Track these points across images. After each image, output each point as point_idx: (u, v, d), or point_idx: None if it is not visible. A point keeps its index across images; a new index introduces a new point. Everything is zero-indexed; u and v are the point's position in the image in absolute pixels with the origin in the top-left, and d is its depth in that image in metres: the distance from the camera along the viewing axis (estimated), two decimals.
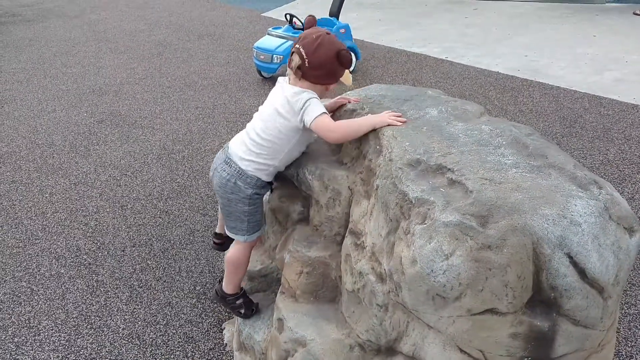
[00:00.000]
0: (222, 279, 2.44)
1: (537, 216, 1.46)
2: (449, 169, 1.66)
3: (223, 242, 2.64)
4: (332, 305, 2.04)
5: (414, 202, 1.58)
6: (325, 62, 2.03)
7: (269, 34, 6.13)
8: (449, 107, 2.13)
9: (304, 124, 2.00)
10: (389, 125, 1.95)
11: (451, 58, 6.64)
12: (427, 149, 1.77)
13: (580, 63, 6.19)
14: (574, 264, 1.45)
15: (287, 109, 2.04)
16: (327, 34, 2.07)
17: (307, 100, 1.99)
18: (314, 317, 1.99)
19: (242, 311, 2.39)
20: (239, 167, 2.12)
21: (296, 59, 2.05)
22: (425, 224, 1.52)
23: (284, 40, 5.87)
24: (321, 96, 2.10)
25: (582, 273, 1.46)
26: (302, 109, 1.99)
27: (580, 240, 1.45)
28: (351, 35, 6.27)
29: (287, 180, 2.34)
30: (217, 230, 2.69)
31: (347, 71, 2.13)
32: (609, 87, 5.43)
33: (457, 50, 6.91)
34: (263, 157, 2.11)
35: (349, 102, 2.24)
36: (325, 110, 1.99)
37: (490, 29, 7.80)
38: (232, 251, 2.31)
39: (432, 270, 1.46)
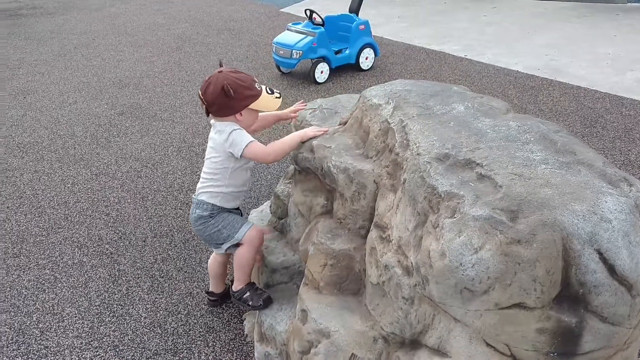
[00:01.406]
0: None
1: (567, 212, 1.46)
2: (478, 164, 1.66)
3: (216, 300, 2.85)
4: (355, 298, 2.06)
5: (443, 195, 1.59)
6: (215, 97, 2.29)
7: (288, 30, 6.15)
8: (475, 103, 2.13)
9: (237, 155, 2.29)
10: (313, 137, 2.28)
11: (470, 56, 6.62)
12: (455, 144, 1.77)
13: (601, 63, 6.13)
14: (604, 260, 1.45)
15: (215, 143, 2.36)
16: (219, 72, 2.33)
17: (230, 132, 2.30)
18: (338, 308, 2.01)
19: (250, 303, 2.43)
20: (197, 200, 2.45)
21: (200, 102, 2.37)
22: (455, 217, 1.52)
23: (304, 36, 5.88)
24: (247, 124, 2.39)
25: (611, 270, 1.46)
26: (225, 140, 2.30)
27: (610, 236, 1.45)
28: (370, 31, 6.27)
29: (310, 173, 2.36)
30: (210, 288, 2.84)
31: (266, 98, 2.39)
32: (630, 88, 5.38)
33: (477, 49, 6.88)
34: (210, 186, 2.42)
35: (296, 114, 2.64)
36: (252, 139, 2.29)
37: (510, 27, 7.75)
38: (236, 252, 2.47)
39: (460, 264, 1.47)
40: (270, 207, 2.88)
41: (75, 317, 2.81)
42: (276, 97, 2.45)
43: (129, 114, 5.30)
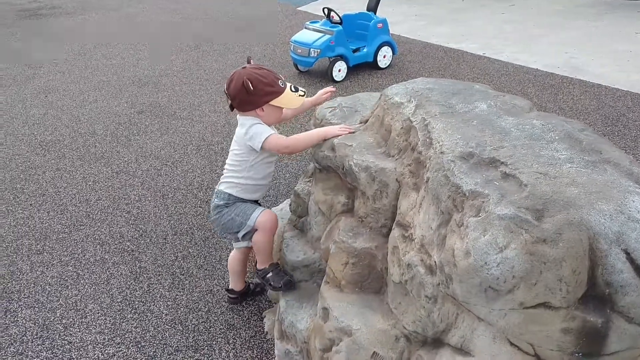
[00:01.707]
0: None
1: (593, 211, 1.45)
2: (502, 163, 1.66)
3: (236, 297, 2.87)
4: (377, 296, 2.06)
5: (467, 194, 1.58)
6: (237, 92, 2.35)
7: (306, 28, 6.16)
8: (498, 101, 2.12)
9: (256, 148, 2.36)
10: (337, 135, 2.29)
11: (489, 54, 6.58)
12: (479, 142, 1.77)
13: (622, 61, 6.06)
14: (631, 260, 1.44)
15: (238, 136, 2.45)
16: (244, 68, 2.40)
17: (250, 126, 2.38)
18: (360, 307, 2.01)
19: (272, 283, 2.49)
20: (217, 190, 2.55)
21: (226, 97, 2.45)
22: (480, 216, 1.52)
23: (322, 34, 5.88)
24: (270, 120, 2.44)
25: (638, 270, 1.45)
26: (245, 134, 2.38)
27: (638, 236, 1.43)
28: (388, 29, 6.25)
29: (331, 172, 2.37)
30: (230, 286, 2.87)
31: (289, 95, 2.43)
32: None
33: (495, 47, 6.83)
34: (230, 177, 2.51)
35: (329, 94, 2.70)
36: (271, 132, 2.36)
37: (529, 25, 7.69)
38: (253, 239, 2.52)
39: (485, 263, 1.46)
40: (290, 205, 2.89)
41: (98, 313, 2.85)
42: (300, 95, 2.49)
43: (149, 113, 5.35)
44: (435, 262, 1.68)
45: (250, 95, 2.34)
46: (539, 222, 1.46)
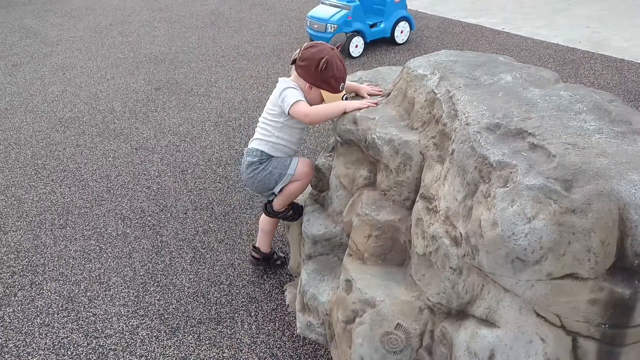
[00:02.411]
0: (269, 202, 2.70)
1: (624, 181, 1.44)
2: (530, 134, 1.64)
3: (259, 259, 2.92)
4: (400, 269, 2.06)
5: (494, 165, 1.57)
6: (310, 59, 2.40)
7: (322, 3, 6.09)
8: (523, 73, 2.09)
9: (285, 110, 2.41)
10: (358, 109, 2.29)
11: (508, 29, 6.47)
12: (505, 113, 1.75)
13: None
14: None
15: (274, 96, 2.50)
16: (332, 48, 2.46)
17: (285, 89, 2.42)
18: (383, 279, 2.02)
19: (295, 217, 2.68)
20: (248, 148, 2.60)
21: (295, 53, 2.49)
22: (507, 187, 1.51)
23: (338, 9, 5.82)
24: (310, 99, 2.44)
25: None
26: (279, 95, 2.43)
27: None
28: (406, 4, 6.17)
29: (352, 145, 2.36)
30: (257, 243, 2.92)
31: (338, 96, 2.44)
32: None
33: (515, 22, 6.72)
34: (261, 135, 2.55)
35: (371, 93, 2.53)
36: (300, 98, 2.38)
37: (549, 0, 7.54)
38: (292, 186, 2.57)
39: (513, 233, 1.46)
40: (311, 180, 2.89)
41: (121, 286, 2.89)
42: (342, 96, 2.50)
43: (166, 89, 5.35)
44: (460, 233, 1.68)
45: (316, 71, 2.38)
46: (568, 192, 1.45)
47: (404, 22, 6.13)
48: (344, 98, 2.48)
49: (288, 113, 2.40)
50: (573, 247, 1.43)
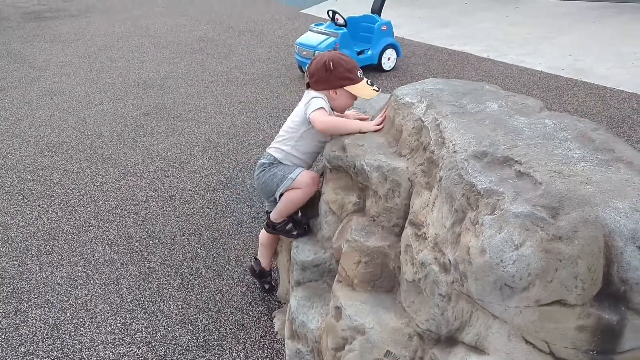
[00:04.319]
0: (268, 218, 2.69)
1: (608, 209, 1.46)
2: (516, 161, 1.67)
3: (255, 270, 2.90)
4: (389, 295, 2.07)
5: (482, 193, 1.59)
6: (316, 70, 2.48)
7: (311, 31, 6.18)
8: (509, 101, 2.13)
9: (308, 116, 2.43)
10: (374, 131, 2.32)
11: (493, 56, 6.59)
12: (492, 141, 1.78)
13: (627, 63, 6.07)
14: None
15: (299, 107, 2.53)
16: (329, 52, 2.56)
17: (312, 98, 2.45)
18: (372, 305, 2.02)
19: (295, 232, 2.59)
20: (265, 153, 2.63)
21: (305, 78, 2.59)
22: (495, 214, 1.53)
23: (326, 37, 5.91)
24: (340, 105, 2.53)
25: None
26: (306, 104, 2.46)
27: None
28: (393, 32, 6.27)
29: (341, 171, 2.38)
30: (258, 256, 2.92)
31: (364, 85, 2.51)
32: None
33: (499, 49, 6.85)
34: (279, 143, 2.59)
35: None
36: (323, 106, 2.40)
37: (533, 28, 7.70)
38: (290, 193, 2.54)
39: (501, 260, 1.47)
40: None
41: (108, 313, 2.86)
42: (374, 89, 2.53)
43: (154, 115, 5.37)
44: (449, 260, 1.69)
45: (328, 73, 2.45)
46: (555, 219, 1.46)
47: (391, 49, 6.22)
48: (368, 83, 2.53)
49: (309, 118, 2.42)
50: (560, 273, 1.45)
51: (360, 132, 2.34)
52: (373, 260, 2.07)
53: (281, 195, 2.55)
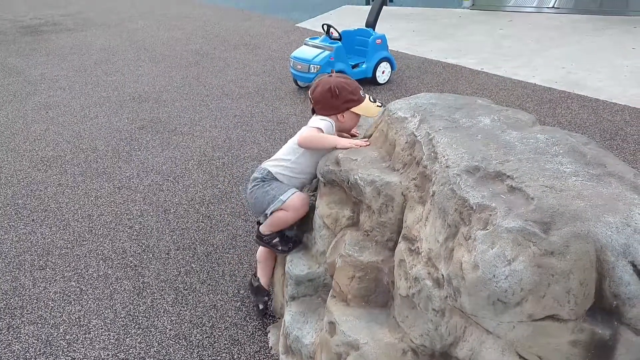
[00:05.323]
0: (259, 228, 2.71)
1: (600, 224, 1.47)
2: (509, 176, 1.67)
3: (252, 285, 2.88)
4: (383, 310, 2.06)
5: (474, 208, 1.60)
6: (322, 97, 2.54)
7: (305, 44, 6.21)
8: (501, 116, 2.15)
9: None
10: (347, 148, 2.36)
11: (487, 69, 6.63)
12: (484, 156, 1.78)
13: (620, 75, 6.12)
14: (638, 272, 1.45)
15: (303, 128, 2.57)
16: (329, 76, 2.60)
17: (320, 119, 2.53)
18: (366, 321, 2.02)
19: (280, 247, 2.61)
20: (259, 167, 2.65)
21: (309, 100, 2.63)
22: (487, 229, 1.53)
23: (321, 50, 5.94)
24: (348, 126, 2.61)
25: None
26: (311, 123, 2.53)
27: None
28: (387, 45, 6.31)
29: (335, 186, 2.38)
30: (257, 273, 2.90)
31: (368, 103, 2.58)
32: None
33: (493, 62, 6.90)
34: (277, 157, 2.63)
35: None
36: (321, 127, 2.47)
37: (526, 41, 7.76)
38: (279, 213, 2.56)
39: (494, 276, 1.47)
40: (300, 216, 2.90)
41: (102, 328, 2.84)
42: (377, 106, 2.60)
43: (149, 128, 5.37)
44: (442, 275, 1.69)
45: (334, 99, 2.51)
46: (546, 234, 1.47)
47: (385, 62, 6.26)
48: (371, 100, 2.61)
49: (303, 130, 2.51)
50: (553, 288, 1.45)
51: (335, 148, 2.40)
52: (367, 275, 2.07)
53: (272, 213, 2.57)
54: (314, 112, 2.63)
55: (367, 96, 2.61)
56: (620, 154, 4.34)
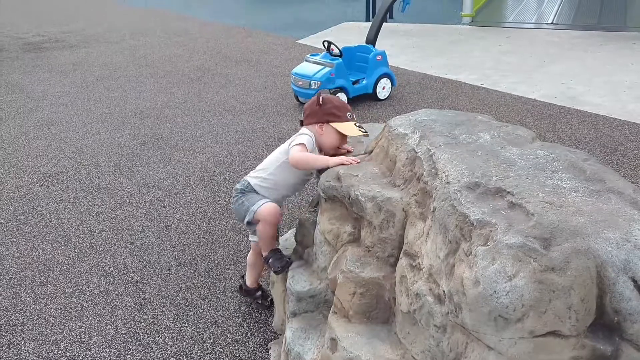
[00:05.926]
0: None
1: (600, 239, 1.48)
2: (509, 192, 1.69)
3: (242, 288, 3.07)
4: (385, 326, 2.06)
5: (475, 224, 1.61)
6: (309, 105, 2.65)
7: (306, 61, 6.25)
8: (501, 132, 2.16)
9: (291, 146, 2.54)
10: (341, 165, 2.38)
11: (487, 85, 6.67)
12: (484, 172, 1.80)
13: (619, 91, 6.15)
14: (639, 288, 1.45)
15: (288, 140, 2.64)
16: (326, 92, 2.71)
17: (301, 134, 2.57)
18: (368, 337, 2.01)
19: (272, 267, 2.65)
20: (242, 179, 2.72)
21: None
22: (488, 245, 1.54)
23: (322, 67, 5.97)
24: (327, 142, 2.60)
25: None
26: (292, 140, 2.57)
27: None
28: (387, 61, 6.35)
29: (336, 201, 2.39)
30: (245, 275, 3.05)
31: (349, 124, 2.58)
32: None
33: (493, 78, 6.93)
34: (257, 171, 2.70)
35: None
36: (305, 143, 2.50)
37: (526, 57, 7.81)
38: (258, 226, 2.62)
39: (495, 291, 1.48)
40: (295, 235, 2.90)
41: (102, 345, 2.83)
42: (360, 130, 2.59)
43: (151, 144, 5.39)
44: (443, 291, 1.70)
45: (317, 107, 2.58)
46: (547, 250, 1.48)
47: (385, 78, 6.30)
48: (356, 125, 2.61)
49: (290, 150, 2.52)
50: (554, 304, 1.45)
51: (327, 167, 2.41)
52: (368, 292, 2.07)
53: (248, 223, 2.64)
54: (302, 123, 2.68)
55: (354, 121, 2.62)
56: (621, 169, 4.35)
